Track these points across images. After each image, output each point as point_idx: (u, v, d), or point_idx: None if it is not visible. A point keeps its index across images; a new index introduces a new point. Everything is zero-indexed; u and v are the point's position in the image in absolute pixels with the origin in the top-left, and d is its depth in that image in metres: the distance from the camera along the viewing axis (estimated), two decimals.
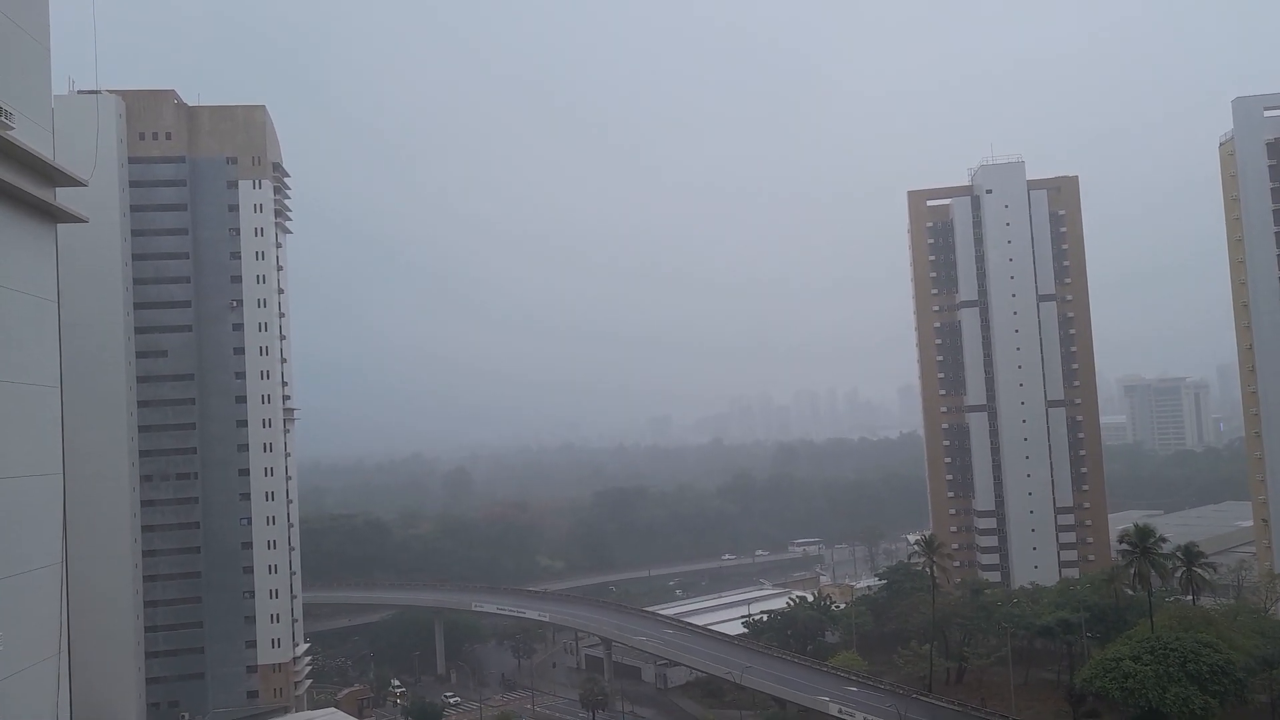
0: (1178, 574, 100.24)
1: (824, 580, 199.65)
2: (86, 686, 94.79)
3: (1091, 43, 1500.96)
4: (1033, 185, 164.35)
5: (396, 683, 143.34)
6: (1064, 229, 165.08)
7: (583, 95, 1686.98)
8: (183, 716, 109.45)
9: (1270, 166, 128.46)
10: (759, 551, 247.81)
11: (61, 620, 39.89)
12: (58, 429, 41.71)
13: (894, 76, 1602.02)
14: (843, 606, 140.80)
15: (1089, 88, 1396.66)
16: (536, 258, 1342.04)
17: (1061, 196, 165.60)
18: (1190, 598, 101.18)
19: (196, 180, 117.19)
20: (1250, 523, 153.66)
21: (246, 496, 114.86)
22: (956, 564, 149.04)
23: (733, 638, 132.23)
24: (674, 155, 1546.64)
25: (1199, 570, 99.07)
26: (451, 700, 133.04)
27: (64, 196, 42.46)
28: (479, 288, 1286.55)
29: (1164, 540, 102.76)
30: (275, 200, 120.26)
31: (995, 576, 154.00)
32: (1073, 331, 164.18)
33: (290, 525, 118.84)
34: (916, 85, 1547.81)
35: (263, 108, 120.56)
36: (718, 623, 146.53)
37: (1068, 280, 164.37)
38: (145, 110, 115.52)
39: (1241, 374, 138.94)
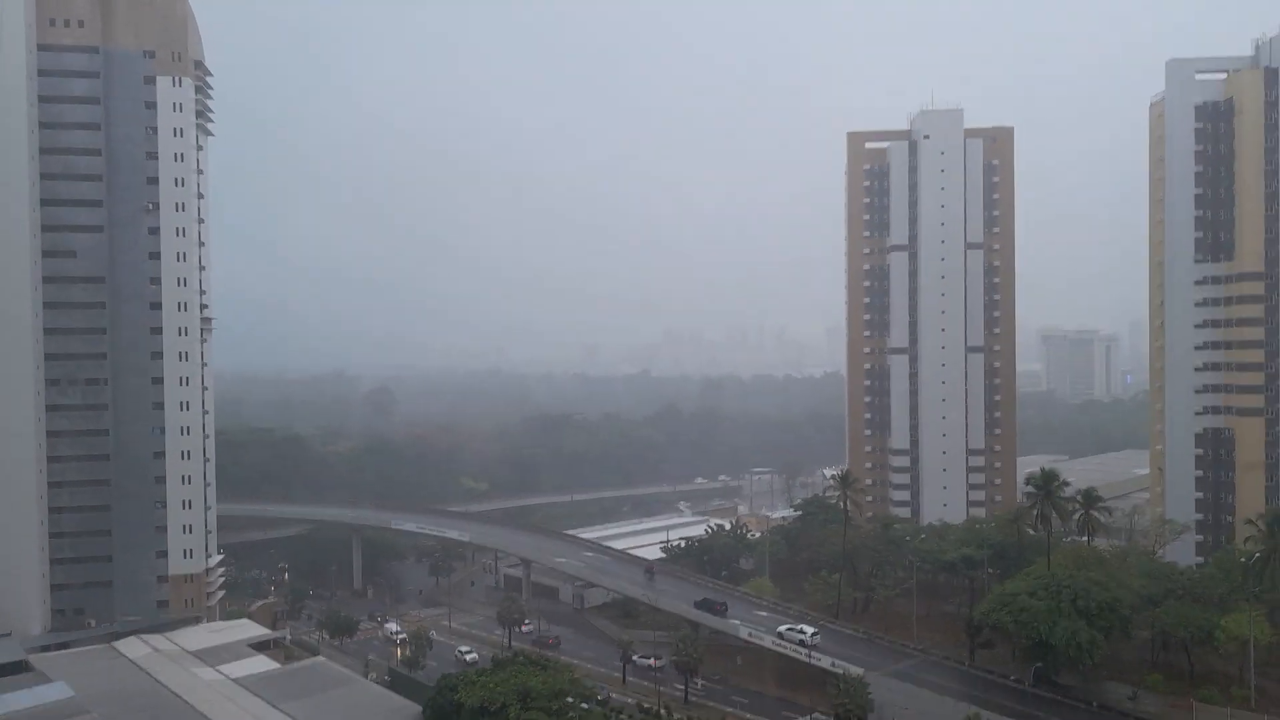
0: (1076, 516, 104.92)
1: (741, 510, 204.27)
2: None
3: None
4: (969, 134, 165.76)
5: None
6: (996, 179, 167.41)
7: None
8: (89, 623, 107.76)
9: (1197, 129, 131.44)
10: (689, 483, 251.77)
11: None
12: None
13: (836, 16, 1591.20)
14: (758, 535, 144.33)
15: (1029, 32, 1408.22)
16: (476, 188, 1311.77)
17: (997, 147, 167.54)
18: (1086, 539, 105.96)
19: (111, 73, 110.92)
20: (1147, 471, 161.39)
21: (160, 405, 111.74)
22: (869, 499, 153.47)
23: (650, 561, 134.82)
24: (613, 82, 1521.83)
25: (1095, 514, 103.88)
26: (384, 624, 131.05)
27: None
28: (415, 213, 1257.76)
29: (1066, 484, 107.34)
30: (196, 100, 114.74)
31: (906, 513, 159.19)
32: (997, 280, 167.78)
33: (205, 436, 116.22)
34: (859, 26, 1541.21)
35: None
36: (637, 547, 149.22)
37: (996, 230, 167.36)
38: None
39: (1150, 330, 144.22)
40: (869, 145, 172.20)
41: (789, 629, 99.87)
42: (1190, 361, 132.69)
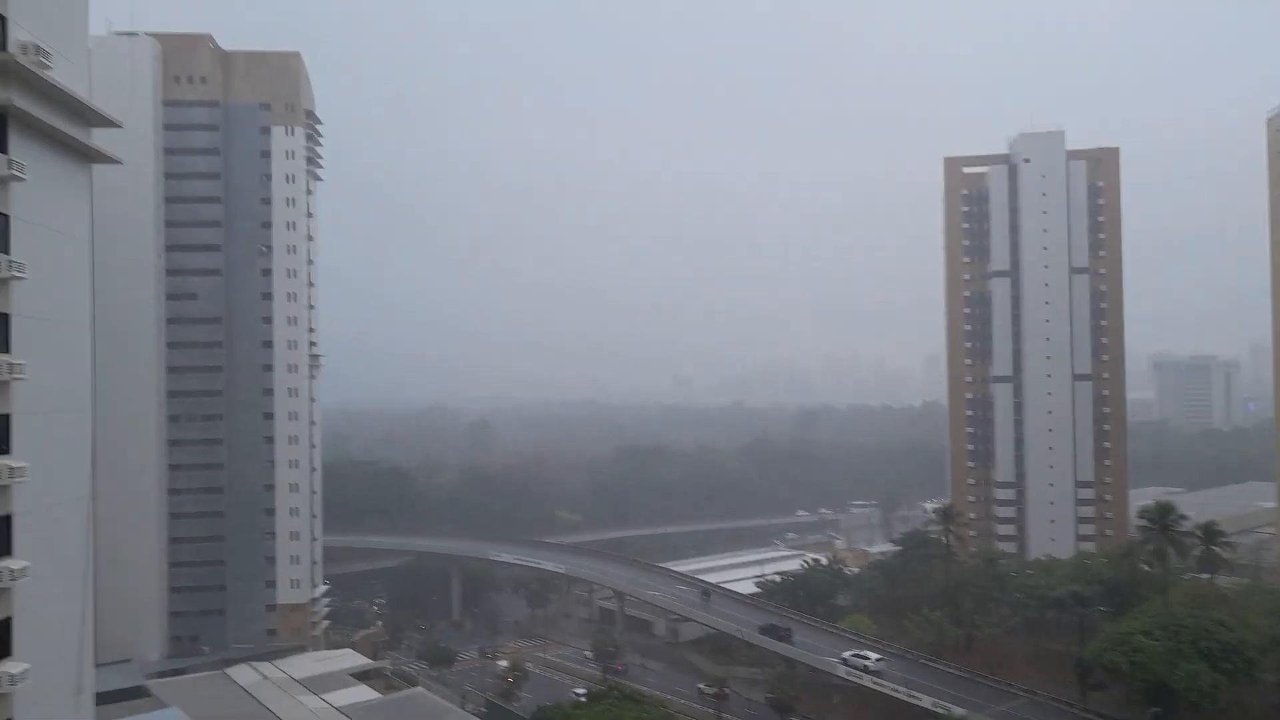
0: (1195, 552, 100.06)
1: (838, 544, 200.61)
2: (112, 617, 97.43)
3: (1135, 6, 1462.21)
4: (1072, 156, 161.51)
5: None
6: (1101, 201, 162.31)
7: (596, 63, 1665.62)
8: (203, 650, 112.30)
9: None
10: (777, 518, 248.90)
11: (87, 550, 41.03)
12: (88, 366, 42.63)
13: (929, 40, 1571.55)
14: (856, 571, 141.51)
15: (1131, 52, 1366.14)
16: (562, 225, 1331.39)
17: (1101, 168, 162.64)
18: (1207, 576, 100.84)
19: (230, 125, 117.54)
20: (1272, 504, 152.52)
21: (270, 440, 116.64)
22: (973, 534, 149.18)
23: (745, 596, 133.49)
24: (696, 119, 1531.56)
25: (1217, 549, 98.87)
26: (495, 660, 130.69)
27: (100, 138, 42.96)
28: (506, 254, 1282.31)
29: (1184, 518, 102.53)
30: (307, 148, 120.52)
31: (1011, 548, 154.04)
32: (1104, 305, 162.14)
33: (313, 469, 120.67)
34: (952, 48, 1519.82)
35: (297, 54, 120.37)
36: (731, 581, 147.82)
37: (1102, 253, 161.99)
38: (181, 54, 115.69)
39: (1275, 354, 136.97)
40: (966, 170, 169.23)
41: (854, 654, 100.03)
42: None
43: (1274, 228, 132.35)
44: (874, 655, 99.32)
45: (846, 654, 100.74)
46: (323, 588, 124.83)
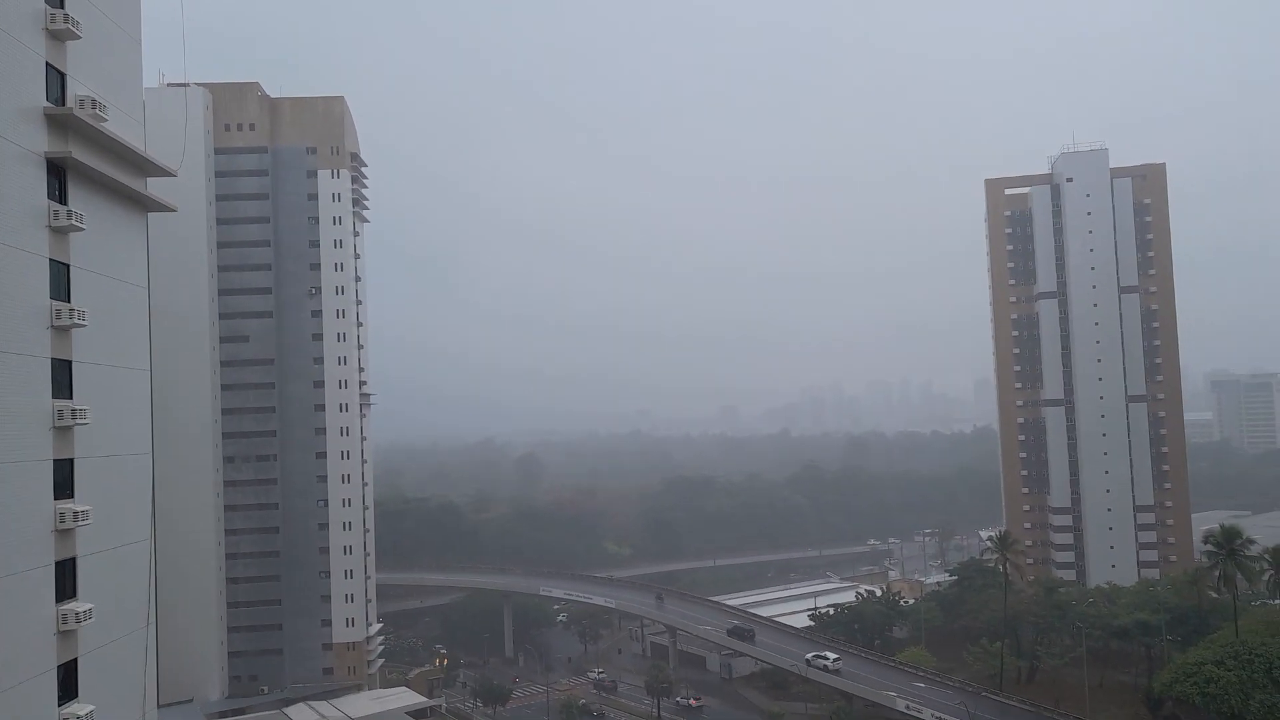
0: (1265, 577, 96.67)
1: (893, 575, 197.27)
2: (173, 658, 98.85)
3: (1170, 13, 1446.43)
4: (1116, 173, 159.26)
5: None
6: (1149, 218, 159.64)
7: (628, 97, 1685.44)
8: (261, 689, 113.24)
9: None
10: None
11: (149, 594, 41.68)
12: (148, 411, 43.55)
13: (963, 57, 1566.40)
14: (911, 602, 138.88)
15: (1171, 61, 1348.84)
16: (597, 267, 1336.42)
17: (1147, 185, 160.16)
18: (1278, 602, 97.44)
19: (278, 170, 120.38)
20: None
21: (323, 479, 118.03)
22: (1030, 561, 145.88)
23: (799, 630, 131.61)
24: (734, 150, 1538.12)
25: None
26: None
27: (154, 186, 44.19)
28: (551, 293, 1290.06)
29: (1252, 542, 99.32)
30: (353, 189, 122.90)
31: (1070, 575, 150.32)
32: (1156, 324, 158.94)
33: (365, 507, 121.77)
34: (990, 58, 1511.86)
35: (341, 99, 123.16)
36: (784, 615, 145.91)
37: (1151, 271, 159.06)
38: (230, 102, 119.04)
39: None
40: (1008, 192, 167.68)
41: (815, 656, 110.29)
42: None
43: None
44: (833, 656, 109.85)
45: (809, 655, 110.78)
46: (377, 625, 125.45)
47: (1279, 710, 75.24)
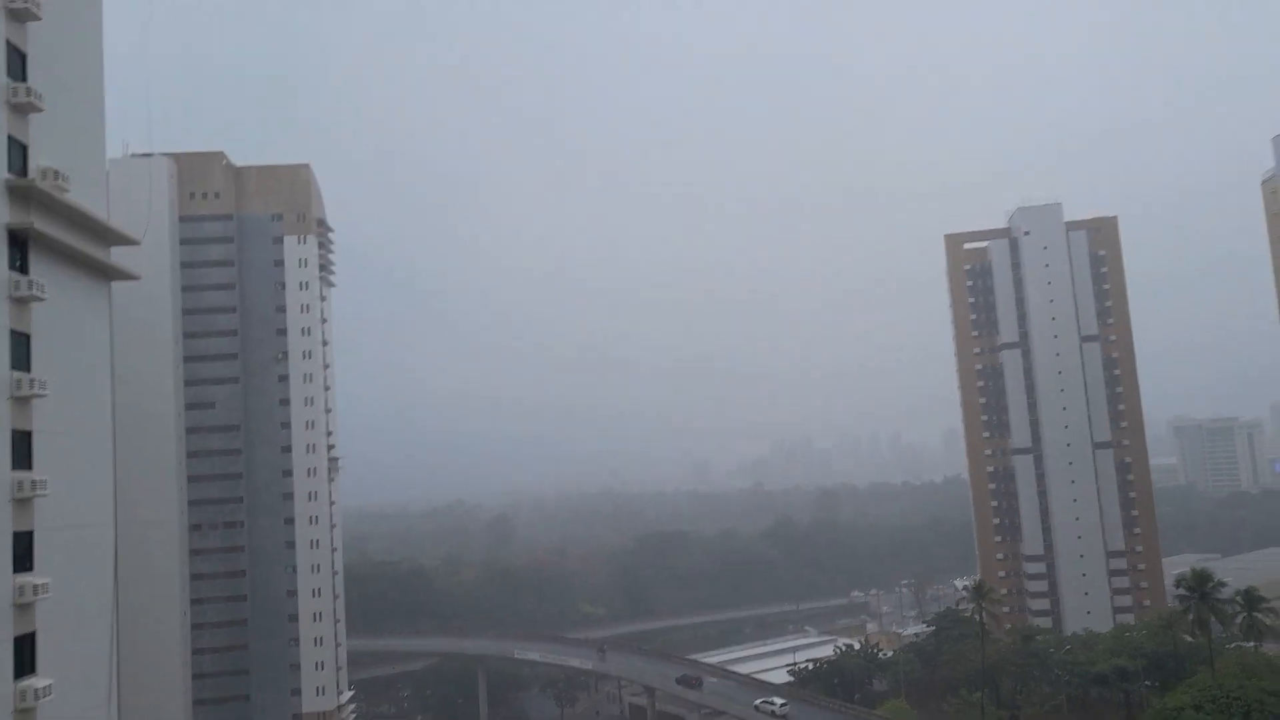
0: (1238, 619, 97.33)
1: (870, 627, 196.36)
2: None
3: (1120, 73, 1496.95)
4: (1071, 226, 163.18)
5: None
6: (1105, 269, 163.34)
7: (604, 132, 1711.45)
8: None
9: None
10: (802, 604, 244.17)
11: (111, 667, 40.64)
12: (110, 481, 42.89)
13: (928, 120, 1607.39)
14: (890, 654, 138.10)
15: (1122, 115, 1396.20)
16: (563, 296, 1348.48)
17: (1101, 237, 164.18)
18: (1253, 644, 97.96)
19: (244, 237, 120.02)
20: None
21: (292, 545, 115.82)
22: (1006, 610, 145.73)
23: (778, 686, 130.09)
24: (709, 192, 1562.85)
25: (1261, 615, 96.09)
26: None
27: (118, 255, 44.13)
28: (510, 330, 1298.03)
29: (1223, 584, 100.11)
30: (319, 255, 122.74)
31: (1046, 622, 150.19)
32: (1118, 372, 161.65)
33: (335, 573, 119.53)
34: (949, 127, 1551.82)
35: (307, 166, 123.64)
36: (763, 671, 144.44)
37: (1110, 320, 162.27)
38: (195, 171, 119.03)
39: None
40: (968, 246, 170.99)
41: (763, 701, 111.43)
42: None
43: None
44: (780, 701, 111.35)
45: (757, 701, 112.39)
46: (348, 693, 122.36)
47: None
